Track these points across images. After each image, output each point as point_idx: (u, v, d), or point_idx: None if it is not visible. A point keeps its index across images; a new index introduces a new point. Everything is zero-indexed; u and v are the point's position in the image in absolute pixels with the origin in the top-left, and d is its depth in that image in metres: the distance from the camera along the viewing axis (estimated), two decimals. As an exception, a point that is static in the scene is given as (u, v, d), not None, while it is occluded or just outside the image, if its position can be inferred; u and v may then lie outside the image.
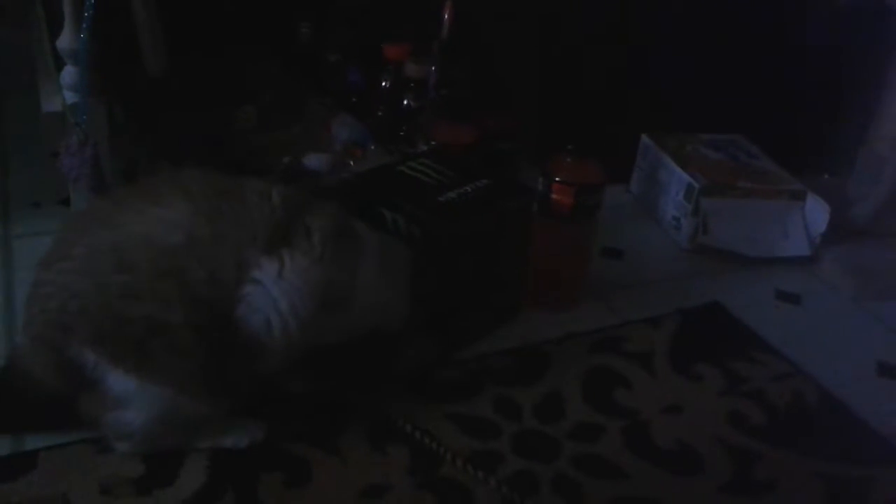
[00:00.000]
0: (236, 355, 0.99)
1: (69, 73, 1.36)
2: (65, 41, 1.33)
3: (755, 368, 1.31)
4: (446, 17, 1.69)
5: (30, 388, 1.00)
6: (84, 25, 1.28)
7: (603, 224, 1.40)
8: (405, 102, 1.74)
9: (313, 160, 1.61)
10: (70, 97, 1.36)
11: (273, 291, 0.98)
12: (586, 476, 1.08)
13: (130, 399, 0.96)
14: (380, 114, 1.77)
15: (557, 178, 1.31)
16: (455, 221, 1.21)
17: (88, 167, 1.31)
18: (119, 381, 0.94)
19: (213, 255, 0.95)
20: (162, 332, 0.93)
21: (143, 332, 0.93)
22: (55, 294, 0.94)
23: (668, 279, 1.53)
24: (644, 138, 1.76)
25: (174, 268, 0.93)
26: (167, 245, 0.93)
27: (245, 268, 0.97)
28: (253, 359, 1.00)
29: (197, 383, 0.97)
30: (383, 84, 1.77)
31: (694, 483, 1.10)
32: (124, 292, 0.92)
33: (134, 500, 0.98)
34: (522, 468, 1.08)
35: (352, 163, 1.63)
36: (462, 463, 1.07)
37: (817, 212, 1.61)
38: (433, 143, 1.53)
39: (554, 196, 1.32)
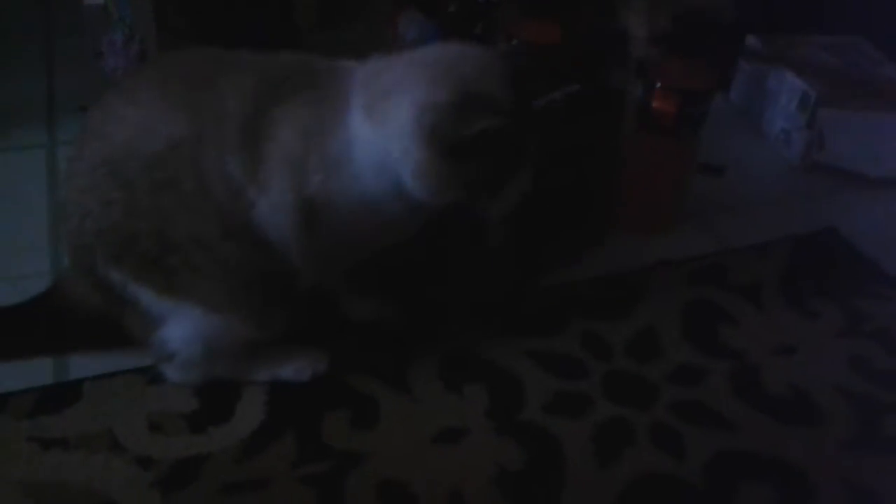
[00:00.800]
0: (259, 270, 0.89)
1: (110, -39, 1.23)
2: (105, -77, 1.20)
3: (879, 304, 1.15)
4: None
5: (74, 309, 0.95)
6: None
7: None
8: (480, -4, 1.57)
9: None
10: (113, -12, 1.23)
11: (259, 209, 0.86)
12: (687, 425, 0.96)
13: (166, 316, 0.90)
14: (451, 9, 1.60)
15: (659, 84, 1.14)
16: (544, 133, 1.05)
17: (134, 67, 1.19)
18: (151, 299, 0.89)
19: (195, 159, 0.85)
20: (174, 249, 0.86)
21: (156, 250, 0.86)
22: (73, 213, 0.89)
23: (775, 201, 1.36)
24: (750, 39, 1.56)
25: (165, 179, 0.85)
26: (151, 153, 0.85)
27: (230, 182, 0.85)
28: (279, 274, 0.90)
29: (229, 302, 0.89)
30: (455, -25, 1.59)
31: (811, 437, 0.96)
32: (127, 210, 0.86)
33: (187, 438, 0.90)
34: (615, 414, 0.97)
35: (421, 65, 1.48)
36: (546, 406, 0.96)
37: (950, 126, 1.40)
38: (513, 42, 1.36)
39: (655, 104, 1.15)
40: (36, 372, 0.96)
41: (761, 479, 0.91)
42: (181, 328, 0.90)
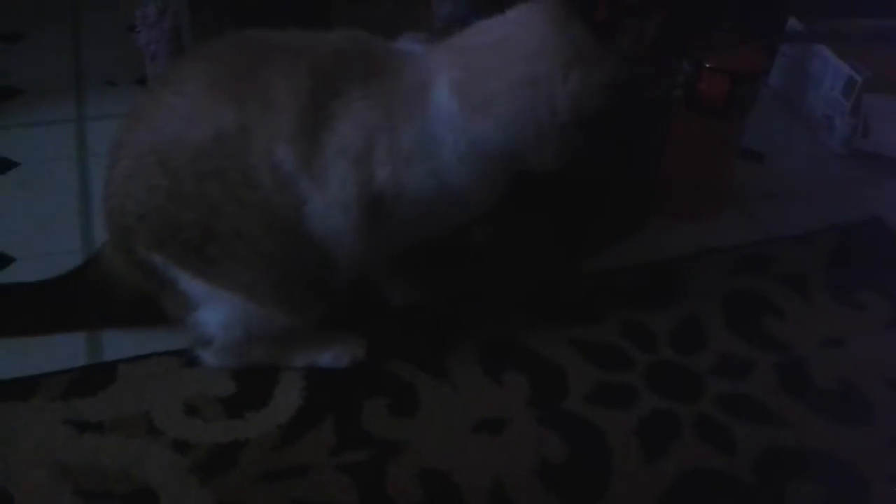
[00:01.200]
0: (304, 264, 0.86)
1: (142, -69, 1.19)
2: None
3: (927, 298, 1.12)
4: None
5: (113, 283, 0.93)
6: None
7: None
8: (516, -27, 1.52)
9: (410, 41, 1.42)
10: (144, -40, 1.20)
11: (313, 205, 0.83)
12: (735, 419, 0.93)
13: (203, 300, 0.88)
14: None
15: (708, 65, 1.10)
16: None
17: (167, 41, 1.16)
18: (191, 283, 0.87)
19: (242, 151, 0.82)
20: (217, 239, 0.84)
21: (199, 239, 0.84)
22: (117, 195, 0.87)
23: (818, 189, 1.32)
24: (792, 22, 1.51)
25: (210, 171, 0.83)
26: (197, 144, 0.83)
27: (278, 174, 0.82)
28: (324, 268, 0.87)
29: (268, 291, 0.87)
30: (490, -49, 1.54)
31: (862, 432, 0.94)
32: (171, 198, 0.84)
33: (224, 422, 0.88)
34: (660, 407, 0.94)
35: (455, 44, 1.44)
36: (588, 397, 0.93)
37: None
38: None
39: (703, 86, 1.11)
40: (69, 354, 0.94)
41: (811, 475, 0.89)
42: (220, 313, 0.88)
